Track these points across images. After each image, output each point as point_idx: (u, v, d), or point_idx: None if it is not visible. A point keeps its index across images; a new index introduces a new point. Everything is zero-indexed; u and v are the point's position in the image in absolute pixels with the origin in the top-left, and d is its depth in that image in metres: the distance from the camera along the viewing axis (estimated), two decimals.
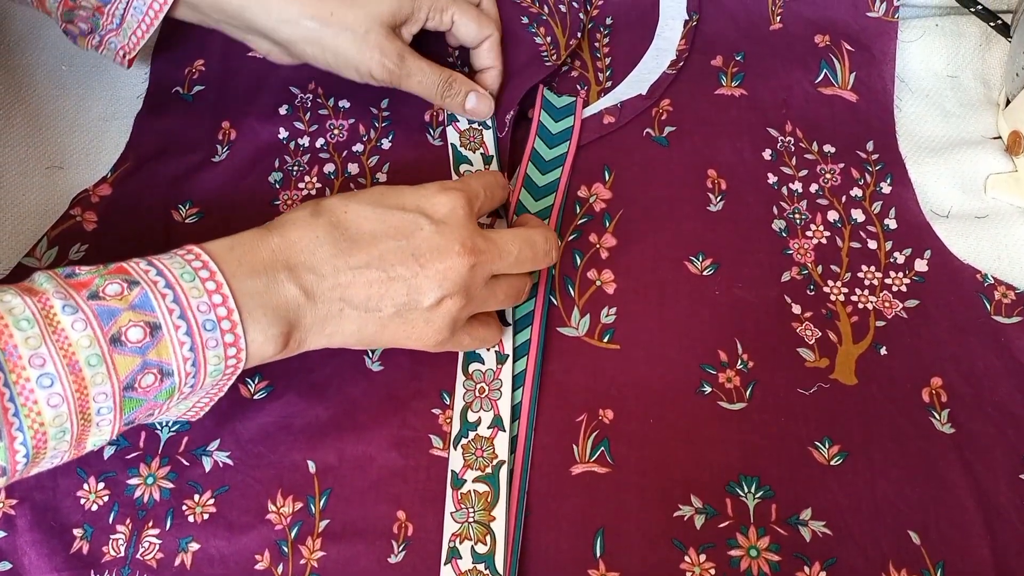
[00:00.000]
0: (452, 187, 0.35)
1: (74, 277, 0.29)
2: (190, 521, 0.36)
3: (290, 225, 0.33)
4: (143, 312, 0.28)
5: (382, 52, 0.41)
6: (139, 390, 0.29)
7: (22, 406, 0.27)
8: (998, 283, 0.42)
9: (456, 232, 0.34)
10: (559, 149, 0.46)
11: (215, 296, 0.30)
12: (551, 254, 0.38)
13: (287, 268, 0.32)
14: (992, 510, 0.36)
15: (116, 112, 0.49)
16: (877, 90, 0.48)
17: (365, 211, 0.33)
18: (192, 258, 0.30)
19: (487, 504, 0.36)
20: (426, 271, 0.33)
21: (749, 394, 0.39)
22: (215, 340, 0.30)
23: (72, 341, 0.27)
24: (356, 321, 0.33)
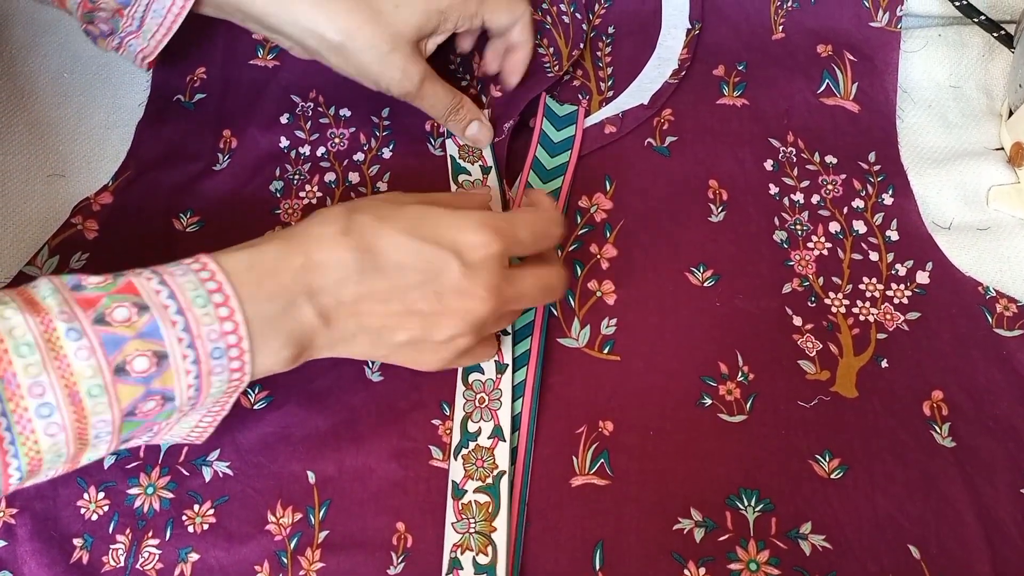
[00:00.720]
0: (492, 227, 0.33)
1: (80, 291, 0.28)
2: (190, 531, 0.36)
3: (316, 244, 0.31)
4: (151, 341, 0.28)
5: (403, 73, 0.41)
6: (139, 415, 0.28)
7: (19, 434, 0.26)
8: (1000, 296, 0.42)
9: (483, 278, 0.33)
10: (560, 158, 0.46)
11: (227, 323, 0.29)
12: (559, 293, 0.37)
13: (307, 292, 0.31)
14: (992, 525, 0.36)
15: (117, 120, 0.49)
16: (879, 100, 0.48)
17: (398, 240, 0.32)
18: (207, 277, 0.29)
19: (488, 514, 0.36)
20: (445, 311, 0.32)
21: (750, 406, 0.39)
22: (221, 367, 0.29)
23: (74, 370, 0.27)
24: (367, 345, 0.33)
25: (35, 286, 0.28)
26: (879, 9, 0.49)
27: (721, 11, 0.51)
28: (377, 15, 0.39)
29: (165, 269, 0.29)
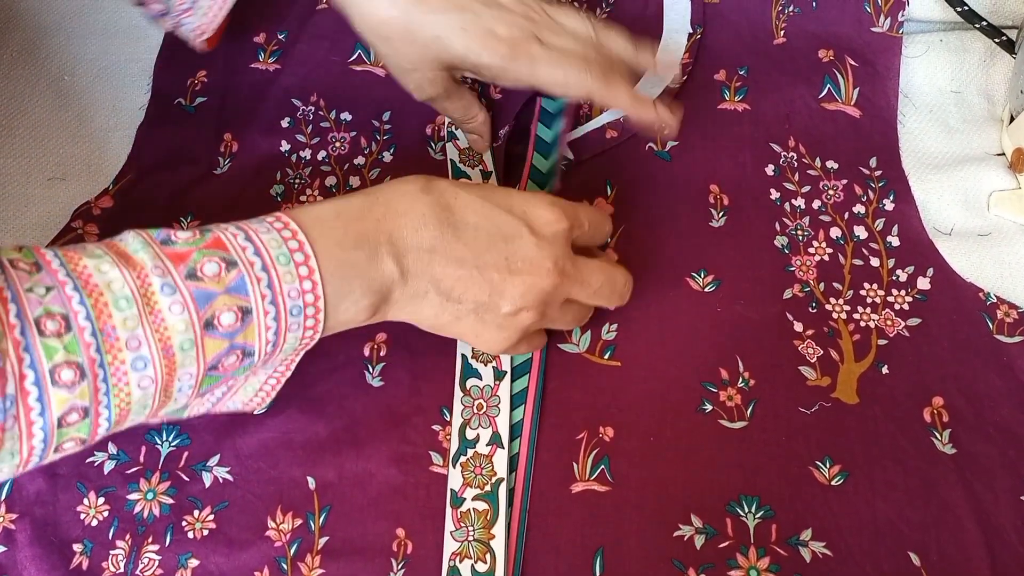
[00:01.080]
0: (560, 205, 0.35)
1: (170, 246, 0.29)
2: (190, 537, 0.36)
3: (398, 196, 0.33)
4: (238, 296, 0.28)
5: (417, 88, 0.42)
6: (220, 368, 0.29)
7: (113, 386, 0.27)
8: (1000, 302, 0.42)
9: (551, 250, 0.34)
10: (552, 158, 0.46)
11: (306, 282, 0.30)
12: (625, 297, 0.38)
13: (389, 242, 0.32)
14: (993, 531, 0.36)
15: (118, 123, 0.49)
16: (880, 106, 0.48)
17: (474, 202, 0.34)
18: (289, 236, 0.30)
19: (487, 522, 0.36)
20: (513, 279, 0.34)
21: (750, 412, 0.39)
22: (297, 324, 0.30)
23: (168, 325, 0.27)
24: (436, 307, 0.34)
25: (122, 239, 0.29)
26: (881, 14, 0.49)
27: (723, 15, 0.50)
28: (412, 36, 0.39)
29: (249, 225, 0.30)
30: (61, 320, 0.26)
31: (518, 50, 0.38)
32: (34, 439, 0.26)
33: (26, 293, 0.26)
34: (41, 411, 0.26)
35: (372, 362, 0.41)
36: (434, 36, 0.38)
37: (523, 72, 0.39)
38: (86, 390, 0.26)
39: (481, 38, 0.38)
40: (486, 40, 0.38)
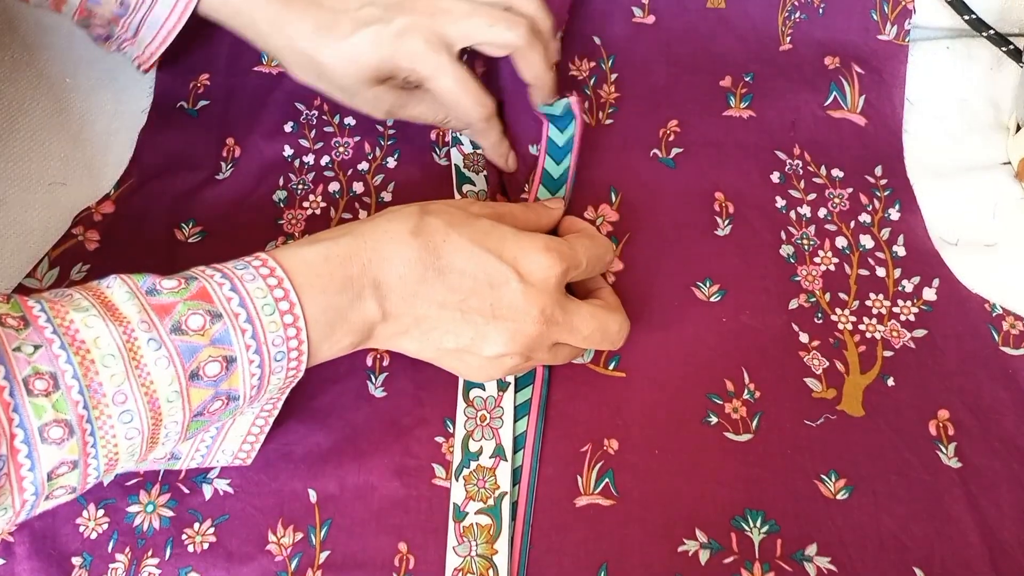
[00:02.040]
0: (556, 250, 0.35)
1: (155, 296, 0.29)
2: (189, 551, 0.36)
3: (386, 240, 0.33)
4: (222, 347, 0.29)
5: (371, 108, 0.42)
6: (206, 414, 0.30)
7: (101, 439, 0.28)
8: (1006, 313, 0.42)
9: (539, 298, 0.34)
10: (564, 164, 0.45)
11: (290, 329, 0.31)
12: (617, 343, 0.38)
13: (374, 286, 0.33)
14: (997, 546, 0.36)
15: (120, 127, 0.49)
16: (886, 114, 0.48)
17: (463, 246, 0.34)
18: (275, 284, 0.31)
19: (490, 537, 0.36)
20: (497, 325, 0.34)
21: (755, 425, 0.39)
22: (281, 367, 0.31)
23: (154, 379, 0.28)
24: (417, 342, 0.34)
25: (109, 287, 0.29)
26: (887, 22, 0.49)
27: (728, 22, 0.50)
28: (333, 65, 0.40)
29: (234, 272, 0.31)
30: (49, 379, 0.27)
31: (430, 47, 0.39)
32: (25, 493, 0.27)
33: (14, 352, 0.26)
34: (31, 467, 0.26)
35: (375, 372, 0.40)
36: (351, 59, 0.39)
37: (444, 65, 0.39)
38: (75, 446, 0.27)
39: (393, 46, 0.39)
40: (398, 47, 0.39)
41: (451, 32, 0.39)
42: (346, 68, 0.40)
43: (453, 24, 0.39)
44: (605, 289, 0.40)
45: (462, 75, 0.40)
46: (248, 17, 0.40)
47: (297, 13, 0.39)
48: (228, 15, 0.41)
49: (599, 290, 0.40)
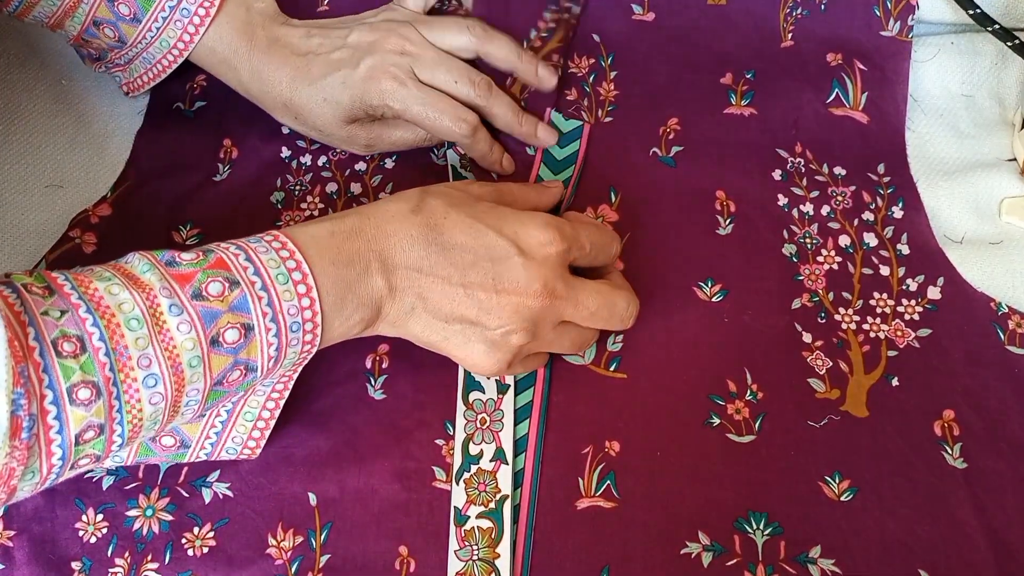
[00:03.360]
0: (555, 225, 0.35)
1: (175, 267, 0.30)
2: (189, 555, 0.36)
3: (388, 217, 0.34)
4: (240, 314, 0.30)
5: (347, 144, 0.45)
6: (225, 384, 0.30)
7: (126, 403, 0.28)
8: (1012, 312, 0.42)
9: (540, 270, 0.34)
10: (564, 174, 0.45)
11: (304, 299, 0.31)
12: (627, 321, 0.38)
13: (379, 260, 0.33)
14: (1003, 549, 0.36)
15: (116, 128, 0.48)
16: (889, 111, 0.47)
17: (464, 223, 0.34)
18: (287, 255, 0.31)
19: (491, 541, 0.36)
20: (500, 299, 0.34)
21: (758, 426, 0.39)
22: (297, 339, 0.31)
23: (177, 343, 0.29)
24: (423, 323, 0.34)
25: (128, 262, 0.30)
26: (890, 18, 0.48)
27: (729, 18, 0.50)
28: (308, 107, 0.43)
29: (248, 244, 0.32)
30: (76, 341, 0.27)
31: (397, 83, 0.42)
32: (53, 456, 0.27)
33: (42, 316, 0.27)
34: (59, 429, 0.27)
35: (374, 374, 0.40)
36: (323, 100, 0.42)
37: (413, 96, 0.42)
38: (101, 408, 0.27)
39: (362, 87, 0.42)
40: (367, 88, 0.42)
41: (417, 72, 0.43)
42: (320, 109, 0.43)
43: (420, 68, 0.42)
44: (614, 272, 0.40)
45: (433, 99, 0.42)
46: (231, 66, 0.43)
47: (277, 63, 0.42)
48: (213, 64, 0.44)
49: (608, 273, 0.40)
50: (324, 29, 0.44)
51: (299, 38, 0.43)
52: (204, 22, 0.42)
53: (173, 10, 0.41)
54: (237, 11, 0.43)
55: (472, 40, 0.44)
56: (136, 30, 0.42)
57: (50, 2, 0.41)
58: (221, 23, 0.42)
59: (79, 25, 0.42)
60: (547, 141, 0.46)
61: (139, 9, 0.41)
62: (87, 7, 0.41)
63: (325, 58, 0.42)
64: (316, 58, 0.42)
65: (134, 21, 0.41)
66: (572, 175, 0.45)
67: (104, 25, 0.42)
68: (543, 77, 0.46)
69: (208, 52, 0.43)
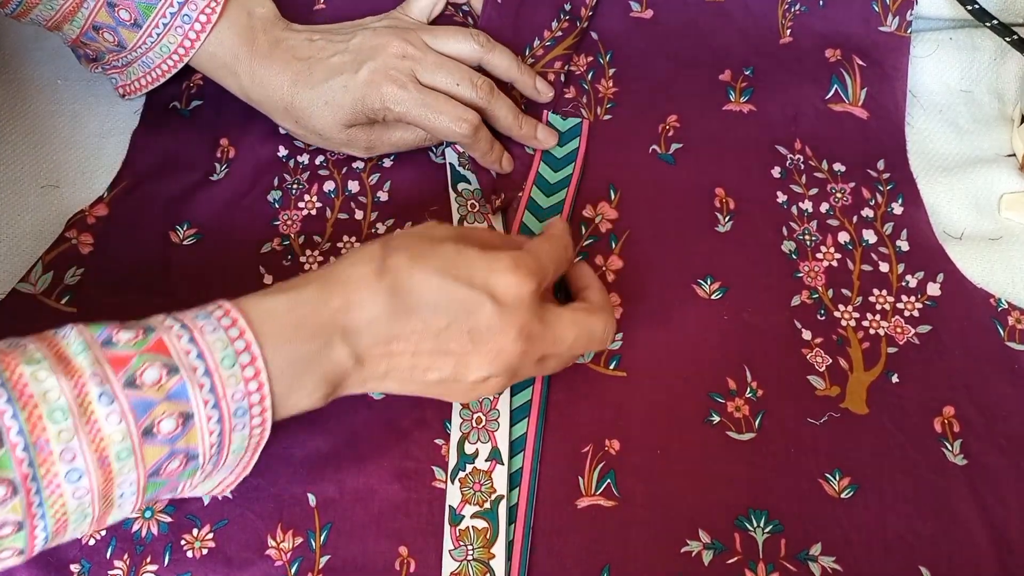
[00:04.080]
0: (525, 266, 0.33)
1: (111, 348, 0.28)
2: (188, 556, 0.36)
3: (353, 285, 0.32)
4: (178, 402, 0.28)
5: (349, 148, 0.45)
6: (163, 475, 0.29)
7: (47, 498, 0.26)
8: (1012, 308, 0.41)
9: (517, 316, 0.33)
10: (564, 171, 0.45)
11: (252, 383, 0.29)
12: (607, 342, 0.37)
13: (343, 332, 0.31)
14: (1004, 545, 0.36)
15: (112, 128, 0.48)
16: (888, 107, 0.47)
17: (431, 280, 0.32)
18: (236, 335, 0.29)
19: (486, 541, 0.35)
20: (478, 350, 0.33)
21: (758, 424, 0.38)
22: (243, 424, 0.30)
23: (105, 435, 0.27)
24: (398, 381, 0.33)
25: (64, 337, 0.28)
26: (889, 13, 0.48)
27: (728, 14, 0.49)
28: (309, 111, 0.43)
29: (195, 323, 0.29)
30: None
31: (398, 86, 0.41)
32: None
33: None
34: None
35: None
36: (324, 104, 0.42)
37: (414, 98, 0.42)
38: (18, 505, 0.26)
39: (363, 91, 0.42)
40: (368, 92, 0.41)
41: (419, 75, 0.42)
42: (322, 113, 0.42)
43: (421, 72, 0.42)
44: (592, 288, 0.39)
45: (432, 101, 0.42)
46: (231, 71, 0.43)
47: (278, 67, 0.42)
48: (213, 68, 0.43)
49: (586, 290, 0.38)
50: (326, 34, 0.44)
51: (300, 43, 0.43)
52: (205, 28, 0.42)
53: (174, 16, 0.41)
54: (239, 17, 0.43)
55: (475, 48, 0.44)
56: (136, 35, 0.41)
57: (49, 6, 0.41)
58: (222, 28, 0.42)
59: (78, 29, 0.41)
60: (546, 143, 0.46)
61: (140, 15, 0.41)
62: (87, 11, 0.41)
63: (326, 62, 0.42)
64: (318, 62, 0.42)
65: (134, 27, 0.41)
66: (572, 173, 0.45)
67: (103, 30, 0.41)
68: (541, 90, 0.46)
69: (209, 57, 0.43)
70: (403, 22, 0.46)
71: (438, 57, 0.43)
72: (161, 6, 0.41)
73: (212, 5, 0.41)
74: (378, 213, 0.45)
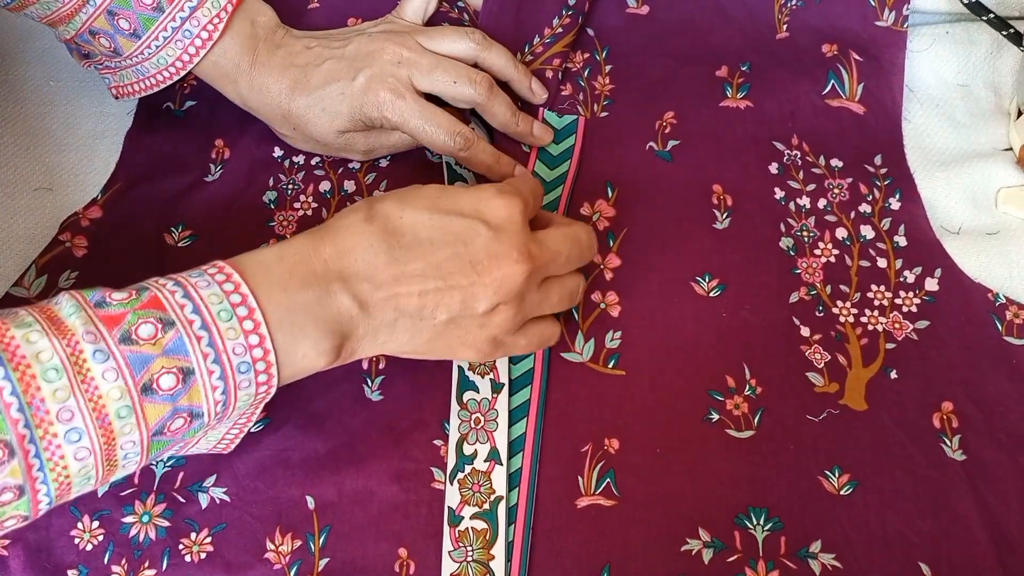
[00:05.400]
0: (508, 192, 0.34)
1: (104, 308, 0.27)
2: (187, 561, 0.36)
3: (343, 232, 0.32)
4: (177, 357, 0.27)
5: (348, 151, 0.45)
6: (167, 433, 0.28)
7: (47, 460, 0.26)
8: (1010, 303, 0.41)
9: (513, 238, 0.33)
10: (560, 169, 0.45)
11: (252, 336, 0.29)
12: (593, 247, 0.38)
13: (341, 279, 0.31)
14: (1003, 541, 0.36)
15: (106, 129, 0.48)
16: (885, 102, 0.47)
17: (422, 216, 0.33)
18: (231, 288, 0.29)
19: (486, 542, 0.35)
20: (483, 278, 0.33)
21: (757, 421, 0.38)
22: (248, 380, 0.29)
23: (102, 393, 0.26)
24: (409, 330, 0.33)
25: (57, 303, 0.28)
26: (885, 8, 0.48)
27: (724, 10, 0.49)
28: (305, 118, 0.42)
29: (188, 279, 0.29)
30: None
31: (395, 95, 0.41)
32: None
33: None
34: None
35: (371, 375, 0.40)
36: (321, 111, 0.42)
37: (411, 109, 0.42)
38: (17, 468, 0.25)
39: (360, 99, 0.41)
40: (364, 100, 0.41)
41: (415, 81, 0.42)
42: (319, 119, 0.42)
43: (418, 75, 0.42)
44: (554, 216, 0.39)
45: (430, 113, 0.42)
46: (231, 79, 0.43)
47: (276, 75, 0.42)
48: (214, 76, 0.43)
49: (550, 219, 0.39)
50: (323, 40, 0.44)
51: (299, 49, 0.43)
52: (206, 45, 0.41)
53: (175, 31, 0.41)
54: (242, 26, 0.42)
55: (471, 46, 0.44)
56: (134, 45, 0.41)
57: (45, 5, 0.40)
58: (226, 39, 0.42)
59: (73, 31, 0.41)
60: (543, 140, 0.46)
61: (140, 26, 0.40)
62: (84, 16, 0.40)
63: (323, 69, 0.42)
64: (315, 69, 0.42)
65: (133, 36, 0.41)
66: (568, 170, 0.45)
67: (100, 35, 0.41)
68: (536, 91, 0.46)
69: (211, 66, 0.42)
70: (398, 25, 0.45)
71: (434, 57, 0.43)
72: (163, 20, 0.40)
73: (215, 22, 0.41)
74: None
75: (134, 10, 0.40)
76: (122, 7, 0.40)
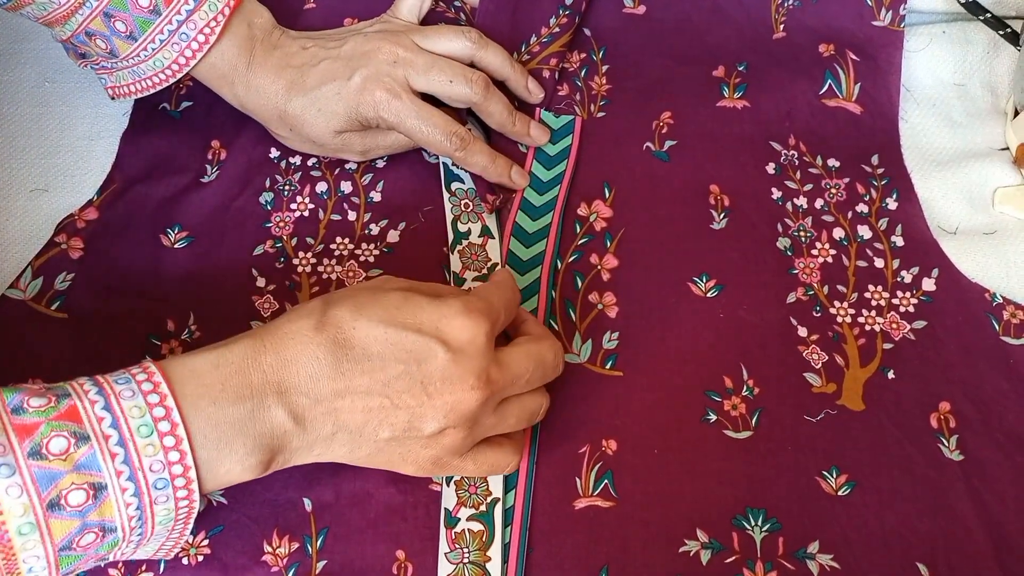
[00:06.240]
0: (475, 310, 0.32)
1: (20, 416, 0.27)
2: (184, 563, 0.35)
3: (288, 341, 0.30)
4: (88, 473, 0.27)
5: (343, 151, 0.44)
6: (77, 549, 0.27)
7: None
8: (1007, 303, 0.41)
9: (472, 363, 0.31)
10: (557, 169, 0.45)
11: (172, 453, 0.28)
12: (558, 367, 0.36)
13: (277, 392, 0.30)
14: (1002, 541, 0.36)
15: (101, 130, 0.48)
16: (882, 102, 0.47)
17: (376, 330, 0.31)
18: (156, 401, 0.28)
19: (482, 544, 0.35)
20: (433, 401, 0.31)
21: (755, 422, 0.38)
22: (166, 496, 0.28)
23: (4, 508, 0.26)
24: (348, 444, 0.32)
25: None
26: (882, 8, 0.48)
27: (721, 10, 0.49)
28: (301, 118, 0.42)
29: (113, 387, 0.28)
30: None
31: (391, 95, 0.41)
32: None
33: None
34: None
35: None
36: (317, 111, 0.42)
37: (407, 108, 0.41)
38: None
39: (356, 99, 0.41)
40: (361, 99, 0.41)
41: (412, 80, 0.42)
42: (315, 119, 0.42)
43: (414, 75, 0.42)
44: (528, 321, 0.38)
45: (426, 113, 0.42)
46: (228, 80, 0.43)
47: (272, 75, 0.42)
48: (211, 78, 0.43)
49: (523, 324, 0.37)
50: (319, 40, 0.44)
51: (295, 50, 0.43)
52: (203, 48, 0.41)
53: (172, 33, 0.40)
54: (240, 28, 0.42)
55: (467, 45, 0.44)
56: (130, 47, 0.41)
57: (41, 6, 0.40)
58: (223, 41, 0.42)
59: (69, 32, 0.41)
60: (540, 140, 0.46)
61: (136, 28, 0.40)
62: (81, 17, 0.40)
63: (319, 69, 0.42)
64: (311, 69, 0.42)
65: (129, 38, 0.40)
66: (565, 170, 0.45)
67: (97, 36, 0.40)
68: (532, 91, 0.46)
69: (208, 68, 0.42)
70: (394, 25, 0.45)
71: (429, 57, 0.43)
72: (159, 23, 0.40)
73: (212, 25, 0.41)
74: (371, 214, 0.44)
75: (131, 12, 0.40)
76: (119, 9, 0.40)
